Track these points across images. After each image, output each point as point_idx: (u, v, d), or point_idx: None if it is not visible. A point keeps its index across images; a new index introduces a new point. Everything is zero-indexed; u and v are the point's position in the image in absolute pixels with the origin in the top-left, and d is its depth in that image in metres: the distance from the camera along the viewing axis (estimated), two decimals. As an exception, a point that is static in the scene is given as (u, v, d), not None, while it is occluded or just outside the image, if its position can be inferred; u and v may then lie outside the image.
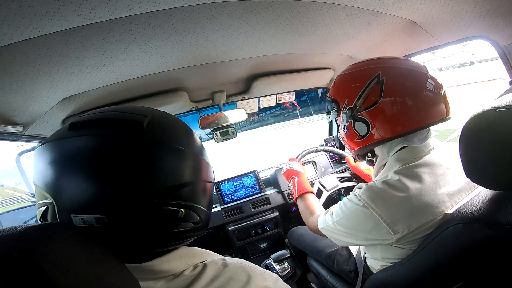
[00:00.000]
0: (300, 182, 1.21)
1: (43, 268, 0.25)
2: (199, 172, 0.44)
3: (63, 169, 0.36)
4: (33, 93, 0.84)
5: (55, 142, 0.38)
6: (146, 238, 0.39)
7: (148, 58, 0.88)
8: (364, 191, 0.72)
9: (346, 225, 0.76)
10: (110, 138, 0.37)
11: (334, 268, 1.15)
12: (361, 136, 0.79)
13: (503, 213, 0.51)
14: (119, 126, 0.38)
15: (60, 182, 0.36)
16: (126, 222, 0.37)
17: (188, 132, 0.46)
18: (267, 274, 0.46)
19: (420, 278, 0.67)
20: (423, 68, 0.75)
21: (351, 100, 0.78)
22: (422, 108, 0.71)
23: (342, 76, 0.85)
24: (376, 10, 0.86)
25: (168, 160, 0.39)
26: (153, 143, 0.39)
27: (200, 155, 0.45)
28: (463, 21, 0.88)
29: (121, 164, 0.36)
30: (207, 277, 0.41)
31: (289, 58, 1.26)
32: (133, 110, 0.42)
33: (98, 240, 0.34)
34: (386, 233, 0.68)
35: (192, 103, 1.42)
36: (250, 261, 0.48)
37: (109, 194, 0.36)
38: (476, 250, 0.55)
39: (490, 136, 0.51)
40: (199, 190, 0.43)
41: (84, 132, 0.38)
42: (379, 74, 0.73)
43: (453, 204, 0.68)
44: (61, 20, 0.56)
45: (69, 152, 0.37)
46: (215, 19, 0.75)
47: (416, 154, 0.75)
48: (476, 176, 0.56)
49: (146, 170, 0.37)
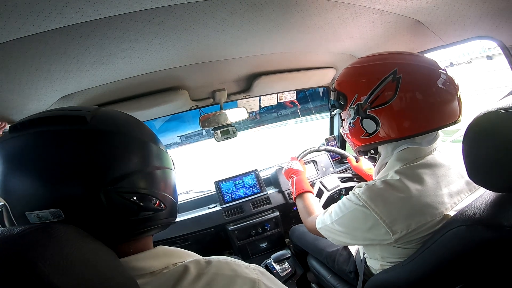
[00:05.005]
0: (298, 181, 1.20)
1: (41, 269, 0.25)
2: (151, 158, 0.44)
3: (8, 169, 0.36)
4: (31, 92, 0.82)
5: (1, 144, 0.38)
6: (107, 227, 0.39)
7: (148, 56, 0.86)
8: (364, 191, 0.71)
9: (345, 224, 0.75)
10: (52, 134, 0.37)
11: (334, 268, 1.15)
12: (368, 134, 0.76)
13: (506, 216, 0.51)
14: (61, 122, 0.38)
15: (8, 183, 0.36)
16: (82, 212, 0.37)
17: (137, 122, 0.46)
18: (252, 267, 0.45)
19: (420, 279, 0.67)
20: (439, 66, 0.72)
21: (361, 96, 0.74)
22: (437, 110, 0.69)
23: (352, 69, 0.81)
24: (381, 9, 0.85)
25: (116, 149, 0.40)
26: (98, 134, 0.39)
27: (152, 142, 0.45)
28: (469, 20, 0.87)
29: (66, 157, 0.37)
30: (192, 275, 0.40)
31: (291, 56, 1.25)
32: (78, 108, 0.42)
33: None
34: (384, 233, 0.68)
35: (193, 101, 1.41)
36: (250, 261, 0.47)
37: (60, 187, 0.36)
38: (478, 252, 0.55)
39: (494, 138, 0.51)
40: (154, 176, 0.43)
41: (25, 132, 0.38)
42: (395, 71, 0.69)
43: (453, 206, 0.67)
44: (59, 17, 0.55)
45: (12, 152, 0.37)
46: (217, 17, 0.73)
47: (418, 154, 0.73)
48: (479, 177, 0.56)
49: (93, 160, 0.38)
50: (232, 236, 1.56)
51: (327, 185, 1.43)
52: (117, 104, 1.16)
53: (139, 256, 0.41)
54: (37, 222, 0.36)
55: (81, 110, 0.41)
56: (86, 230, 0.36)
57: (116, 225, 0.39)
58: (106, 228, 0.38)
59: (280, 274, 1.38)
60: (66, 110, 0.40)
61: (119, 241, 0.41)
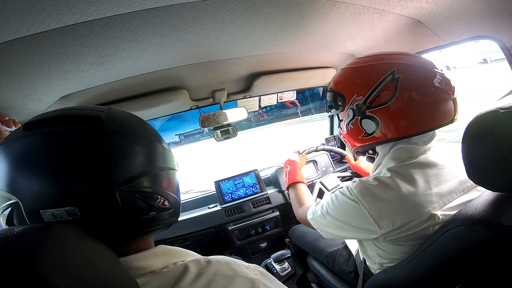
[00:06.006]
0: (292, 172, 1.21)
1: (41, 270, 0.25)
2: (163, 159, 0.45)
3: (26, 168, 0.36)
4: (31, 92, 0.82)
5: (12, 143, 0.38)
6: (119, 225, 0.39)
7: (148, 56, 0.86)
8: (356, 186, 0.73)
9: (335, 216, 0.77)
10: (71, 133, 0.38)
11: (335, 268, 1.15)
12: (367, 134, 0.76)
13: (505, 215, 0.51)
14: (78, 122, 0.39)
15: (24, 181, 0.36)
16: (96, 211, 0.37)
17: (145, 123, 0.47)
18: (252, 267, 0.46)
19: (420, 279, 0.67)
20: (436, 67, 0.73)
21: (360, 96, 0.74)
22: (435, 109, 0.70)
23: (350, 69, 0.81)
24: (381, 9, 0.85)
25: (130, 149, 0.41)
26: (114, 134, 0.40)
27: (159, 142, 0.46)
28: (469, 20, 0.87)
29: (85, 156, 0.37)
30: (192, 274, 0.40)
31: (291, 56, 1.25)
32: (91, 108, 0.43)
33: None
34: (371, 227, 0.69)
35: (193, 101, 1.41)
36: (250, 261, 0.48)
37: (77, 185, 0.36)
38: (477, 252, 0.55)
39: (493, 138, 0.51)
40: (165, 176, 0.45)
41: (42, 130, 0.38)
42: (394, 71, 0.70)
43: (441, 205, 0.68)
44: (58, 17, 0.55)
45: (29, 151, 0.37)
46: (217, 16, 0.73)
47: (412, 154, 0.74)
48: (478, 177, 0.56)
49: (110, 160, 0.38)
50: (232, 236, 1.55)
51: (327, 185, 1.43)
52: (117, 104, 1.15)
53: (139, 255, 0.42)
54: (51, 220, 0.36)
55: (95, 110, 0.41)
56: (97, 228, 0.37)
57: (127, 223, 0.40)
58: (117, 227, 0.39)
59: (280, 274, 1.38)
60: (81, 110, 0.41)
61: (126, 240, 0.42)
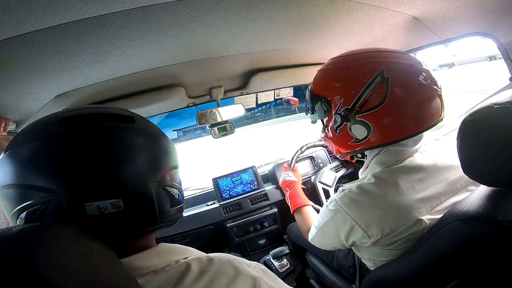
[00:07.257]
0: (293, 195, 1.19)
1: (40, 269, 0.25)
2: (175, 156, 0.50)
3: (75, 161, 0.37)
4: (25, 90, 0.81)
5: (48, 137, 0.38)
6: (148, 217, 0.42)
7: (144, 54, 0.86)
8: (340, 197, 0.72)
9: (327, 230, 0.77)
10: (116, 129, 0.41)
11: (334, 264, 1.16)
12: (358, 140, 0.72)
13: (500, 210, 0.51)
14: (119, 120, 0.42)
15: (71, 173, 0.37)
16: (136, 203, 0.40)
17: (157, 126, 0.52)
18: (254, 265, 0.46)
19: (417, 275, 0.67)
20: (423, 64, 0.71)
21: (348, 100, 0.69)
22: (426, 108, 0.68)
23: (332, 70, 0.76)
24: (377, 5, 0.85)
25: (159, 146, 0.45)
26: (145, 133, 0.44)
27: (171, 141, 0.50)
28: (464, 17, 0.87)
29: (130, 151, 0.40)
30: (194, 272, 0.40)
31: (288, 53, 1.24)
32: (117, 108, 0.46)
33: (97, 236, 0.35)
34: (362, 236, 0.69)
35: (189, 98, 1.40)
36: (249, 258, 0.48)
37: (123, 178, 0.39)
38: (473, 247, 0.56)
39: (488, 133, 0.52)
40: (177, 172, 0.49)
41: (83, 126, 0.39)
42: (382, 70, 0.66)
43: (429, 209, 0.67)
44: (52, 15, 0.54)
45: (74, 145, 0.38)
46: (213, 13, 0.73)
47: (399, 157, 0.72)
48: (474, 172, 0.57)
49: (150, 155, 0.43)
50: (231, 233, 1.56)
51: (327, 182, 1.43)
52: (113, 102, 1.15)
53: (142, 255, 0.42)
54: (94, 213, 0.37)
55: (124, 110, 0.45)
56: (131, 219, 0.39)
57: (153, 217, 0.42)
58: (145, 219, 0.41)
59: (279, 271, 1.39)
60: (115, 109, 0.44)
61: (136, 236, 0.43)
